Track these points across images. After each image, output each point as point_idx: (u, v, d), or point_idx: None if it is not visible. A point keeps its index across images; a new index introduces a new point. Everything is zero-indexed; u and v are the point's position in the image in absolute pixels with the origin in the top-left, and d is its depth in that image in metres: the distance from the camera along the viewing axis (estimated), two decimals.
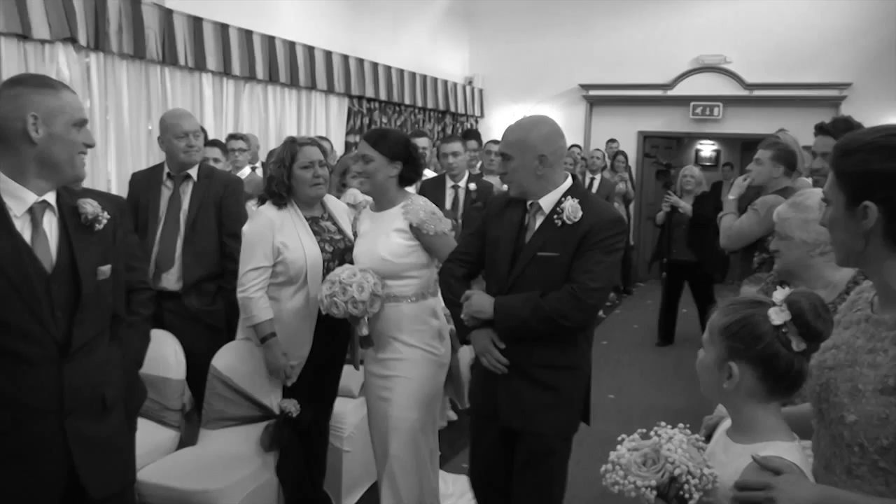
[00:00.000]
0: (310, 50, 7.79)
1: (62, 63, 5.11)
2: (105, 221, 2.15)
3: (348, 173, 4.97)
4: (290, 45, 7.52)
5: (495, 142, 5.87)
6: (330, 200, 3.59)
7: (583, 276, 2.63)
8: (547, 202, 2.76)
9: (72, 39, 5.15)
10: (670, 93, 10.71)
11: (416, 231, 3.11)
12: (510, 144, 2.77)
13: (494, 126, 11.50)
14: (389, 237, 3.12)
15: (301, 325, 3.37)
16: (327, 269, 3.29)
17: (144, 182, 3.99)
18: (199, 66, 6.39)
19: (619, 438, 1.70)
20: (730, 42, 10.24)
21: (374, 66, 8.95)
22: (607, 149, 10.05)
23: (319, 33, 8.01)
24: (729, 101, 10.40)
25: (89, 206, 2.12)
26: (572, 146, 9.30)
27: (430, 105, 10.25)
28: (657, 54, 10.52)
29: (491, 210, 3.03)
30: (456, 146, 5.30)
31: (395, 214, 3.16)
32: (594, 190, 8.36)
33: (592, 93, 11.13)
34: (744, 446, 1.61)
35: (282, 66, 7.40)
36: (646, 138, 11.15)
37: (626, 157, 9.81)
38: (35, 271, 1.98)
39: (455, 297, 2.90)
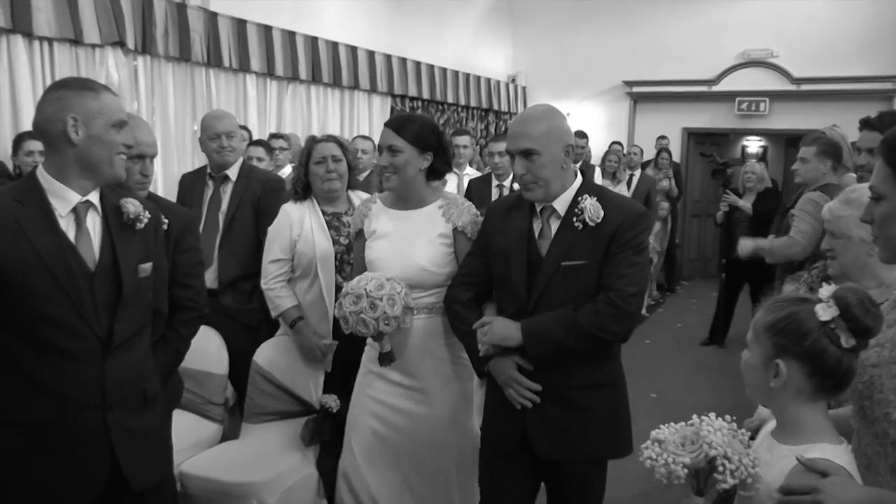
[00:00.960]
0: (353, 50, 7.86)
1: (111, 66, 5.26)
2: (146, 220, 2.20)
3: None
4: (333, 46, 7.59)
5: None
6: (359, 196, 3.57)
7: (619, 283, 2.35)
8: (561, 203, 2.45)
9: (120, 43, 5.30)
10: (715, 88, 10.55)
11: (457, 235, 2.79)
12: (536, 138, 2.38)
13: None
14: (433, 245, 2.77)
15: (320, 318, 3.41)
16: (340, 261, 3.36)
17: (190, 182, 4.10)
18: (244, 67, 6.50)
19: (668, 426, 1.69)
20: (776, 35, 10.06)
21: (417, 64, 8.99)
22: (657, 145, 9.93)
23: (362, 33, 8.07)
24: (776, 95, 10.22)
25: (131, 206, 2.17)
26: (614, 143, 9.24)
27: (472, 103, 10.26)
28: (701, 49, 10.38)
29: (491, 219, 2.65)
30: (502, 146, 5.27)
31: (433, 216, 2.81)
32: (632, 187, 8.27)
33: (636, 89, 11.03)
34: (789, 447, 1.59)
35: (325, 66, 7.48)
36: (690, 135, 11.01)
37: (670, 153, 9.70)
38: (79, 269, 2.04)
39: (466, 326, 2.57)
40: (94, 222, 2.12)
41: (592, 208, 2.38)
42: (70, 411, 2.04)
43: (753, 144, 12.98)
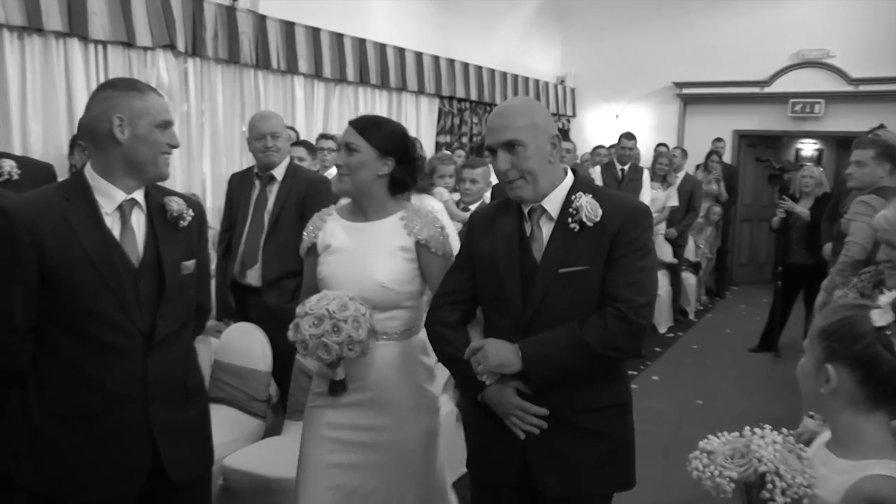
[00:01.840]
0: (400, 51, 7.90)
1: (162, 68, 5.38)
2: (190, 219, 2.24)
3: (435, 173, 5.01)
4: (381, 47, 7.64)
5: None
6: (420, 200, 3.60)
7: (626, 292, 2.07)
8: (553, 203, 2.19)
9: (171, 46, 5.40)
10: (767, 90, 10.34)
11: (420, 249, 2.52)
12: (520, 128, 2.13)
13: (587, 125, 11.41)
14: (394, 258, 2.49)
15: None
16: None
17: (238, 182, 4.17)
18: (292, 69, 6.57)
19: (719, 436, 1.65)
20: (833, 35, 9.81)
21: (465, 66, 9.00)
22: (714, 147, 9.76)
23: (410, 35, 8.10)
24: (832, 97, 9.96)
25: (175, 204, 2.22)
26: (660, 145, 9.12)
27: None
28: (754, 50, 10.17)
29: (475, 228, 2.36)
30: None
31: (392, 228, 2.53)
32: (675, 186, 8.14)
33: (686, 91, 10.86)
34: (848, 462, 1.53)
35: (372, 67, 7.52)
36: (741, 137, 10.82)
37: (719, 156, 9.53)
38: (123, 266, 2.09)
39: (455, 351, 2.24)
40: (138, 220, 2.16)
41: (589, 206, 2.11)
42: (114, 404, 2.08)
43: (808, 147, 12.69)
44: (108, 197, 2.10)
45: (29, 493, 2.14)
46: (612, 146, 8.43)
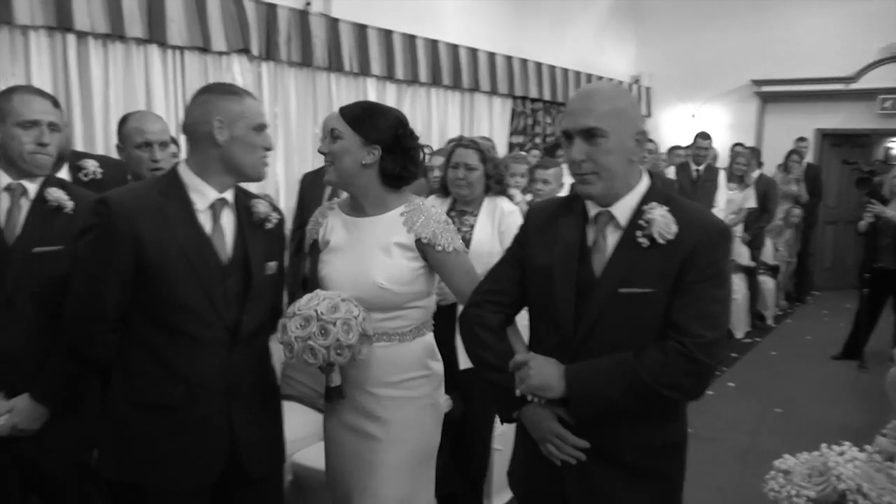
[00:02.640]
0: (473, 52, 7.89)
1: (237, 72, 5.49)
2: (276, 222, 2.32)
3: (507, 171, 4.99)
4: (454, 48, 7.64)
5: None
6: (495, 202, 3.58)
7: (695, 325, 1.80)
8: (623, 210, 1.93)
9: (245, 50, 5.52)
10: (853, 86, 9.91)
11: (424, 248, 2.35)
12: (604, 115, 1.86)
13: (662, 125, 11.16)
14: (390, 256, 2.34)
15: None
16: None
17: (310, 181, 4.24)
18: (364, 71, 6.62)
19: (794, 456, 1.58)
20: None
21: (538, 66, 8.92)
22: (796, 147, 9.44)
23: (483, 35, 8.08)
24: None
25: (262, 207, 2.29)
26: (736, 145, 8.87)
27: None
28: (838, 45, 9.76)
29: (531, 224, 2.11)
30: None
31: (392, 223, 2.37)
32: (752, 187, 7.89)
33: (765, 88, 10.51)
34: None
35: (445, 68, 7.53)
36: (824, 136, 10.43)
37: (800, 156, 9.21)
38: (213, 261, 2.16)
39: (496, 361, 2.03)
40: (228, 219, 2.23)
41: (662, 221, 1.85)
42: (196, 396, 2.14)
43: None
44: (202, 195, 2.17)
45: (107, 481, 2.22)
46: (687, 146, 8.26)
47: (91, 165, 3.26)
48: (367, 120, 2.34)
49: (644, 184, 1.96)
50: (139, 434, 2.14)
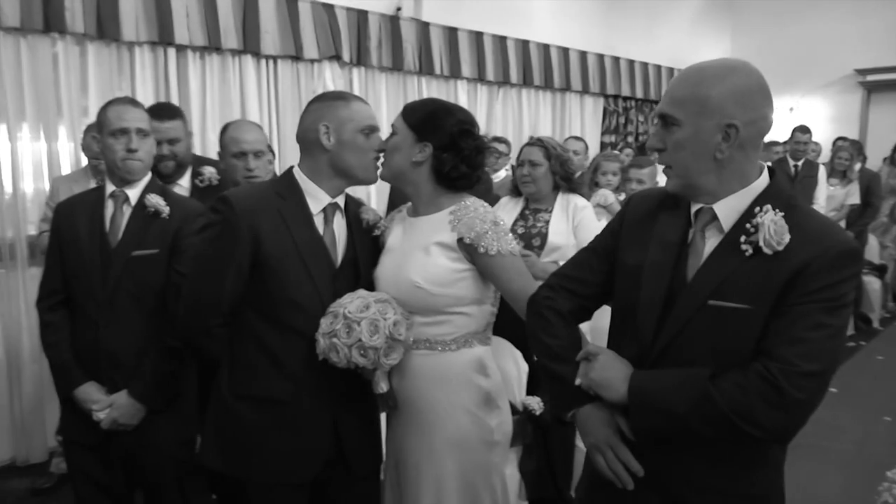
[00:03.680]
0: (564, 51, 7.82)
1: (328, 79, 5.62)
2: (383, 229, 2.38)
3: (599, 170, 4.91)
4: (545, 48, 7.59)
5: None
6: (568, 198, 3.70)
7: (789, 351, 1.50)
8: (727, 210, 1.65)
9: (337, 57, 5.64)
10: None
11: (468, 249, 2.20)
12: (676, 102, 1.64)
13: None
14: (428, 254, 2.20)
15: None
16: None
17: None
18: (455, 73, 6.66)
19: None
20: None
21: (630, 63, 8.78)
22: None
23: (574, 34, 8.00)
24: None
25: (371, 214, 2.37)
26: (838, 139, 8.44)
27: None
28: None
29: (630, 215, 1.86)
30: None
31: (439, 222, 2.25)
32: (855, 182, 7.50)
33: (870, 78, 9.95)
34: None
35: (536, 68, 7.49)
36: None
37: None
38: (326, 262, 2.23)
39: (561, 348, 1.81)
40: (339, 223, 2.30)
41: (773, 228, 1.55)
42: (304, 392, 2.19)
43: None
44: (315, 198, 2.24)
45: (210, 472, 2.29)
46: (785, 141, 7.92)
47: (208, 172, 3.38)
48: (422, 117, 2.25)
49: (761, 183, 1.66)
50: (245, 427, 2.19)
